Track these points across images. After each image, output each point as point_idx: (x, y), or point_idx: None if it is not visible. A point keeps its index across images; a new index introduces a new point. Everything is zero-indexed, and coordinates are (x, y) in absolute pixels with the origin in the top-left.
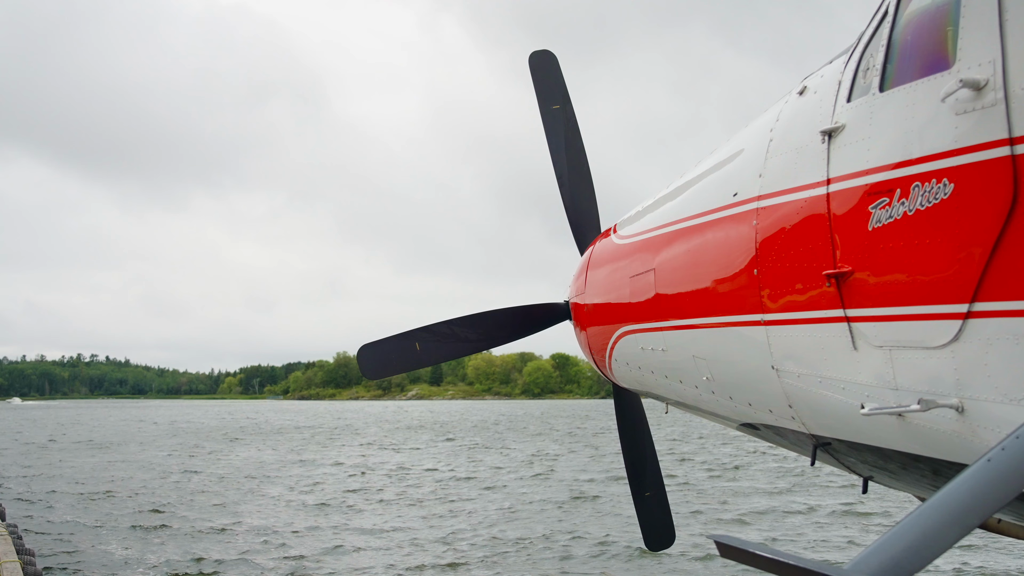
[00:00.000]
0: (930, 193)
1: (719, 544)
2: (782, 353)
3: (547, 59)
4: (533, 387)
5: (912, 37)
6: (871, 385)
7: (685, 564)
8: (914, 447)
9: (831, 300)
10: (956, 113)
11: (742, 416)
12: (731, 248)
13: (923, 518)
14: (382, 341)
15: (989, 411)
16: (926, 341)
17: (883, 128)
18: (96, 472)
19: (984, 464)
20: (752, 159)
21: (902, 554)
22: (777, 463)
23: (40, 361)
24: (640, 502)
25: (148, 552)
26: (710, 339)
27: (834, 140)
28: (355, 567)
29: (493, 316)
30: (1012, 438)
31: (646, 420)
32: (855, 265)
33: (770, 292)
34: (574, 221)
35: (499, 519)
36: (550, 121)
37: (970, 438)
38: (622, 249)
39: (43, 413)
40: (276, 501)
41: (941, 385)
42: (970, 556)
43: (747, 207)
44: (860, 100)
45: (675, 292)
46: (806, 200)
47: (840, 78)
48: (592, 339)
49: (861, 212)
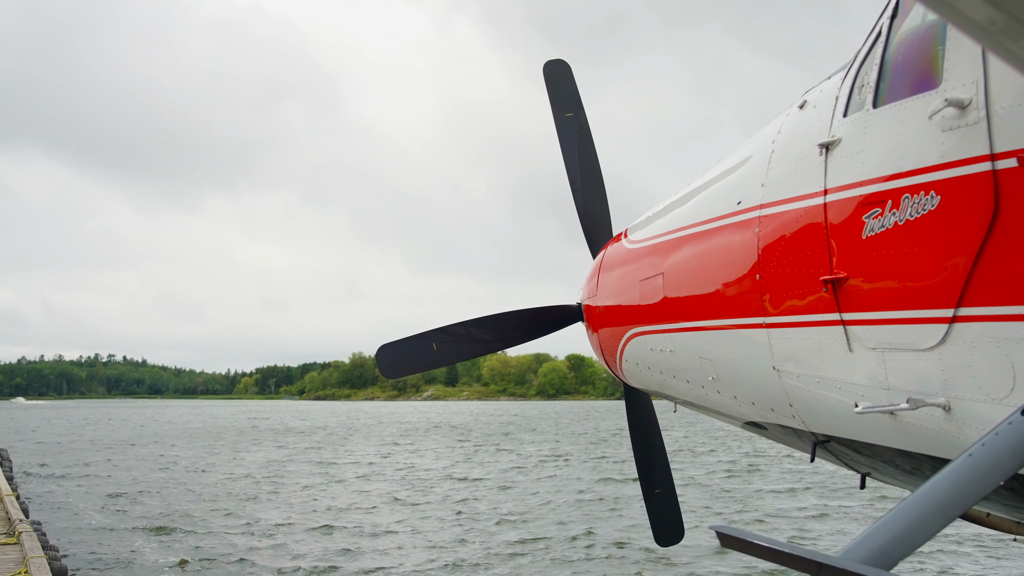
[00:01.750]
0: (919, 204)
1: (719, 534)
2: (782, 354)
3: (561, 68)
4: (548, 388)
5: (903, 57)
6: (865, 385)
7: (709, 562)
8: (905, 444)
9: (828, 304)
10: (942, 130)
11: (746, 415)
12: (735, 254)
13: (908, 509)
14: (400, 341)
15: (973, 410)
16: (915, 344)
17: (876, 142)
18: (113, 473)
19: (966, 459)
20: (755, 169)
21: (889, 542)
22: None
23: (58, 361)
24: (650, 498)
25: (167, 550)
26: (715, 341)
27: (831, 153)
28: (367, 568)
29: (507, 318)
30: (991, 435)
31: (656, 419)
32: (850, 271)
33: (771, 296)
34: (587, 225)
35: (514, 519)
36: (564, 128)
37: (956, 435)
38: (632, 253)
39: (38, 414)
40: (289, 502)
41: (929, 385)
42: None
43: (750, 215)
44: (855, 115)
45: (683, 295)
46: (805, 209)
47: (837, 94)
48: (604, 340)
49: (856, 221)
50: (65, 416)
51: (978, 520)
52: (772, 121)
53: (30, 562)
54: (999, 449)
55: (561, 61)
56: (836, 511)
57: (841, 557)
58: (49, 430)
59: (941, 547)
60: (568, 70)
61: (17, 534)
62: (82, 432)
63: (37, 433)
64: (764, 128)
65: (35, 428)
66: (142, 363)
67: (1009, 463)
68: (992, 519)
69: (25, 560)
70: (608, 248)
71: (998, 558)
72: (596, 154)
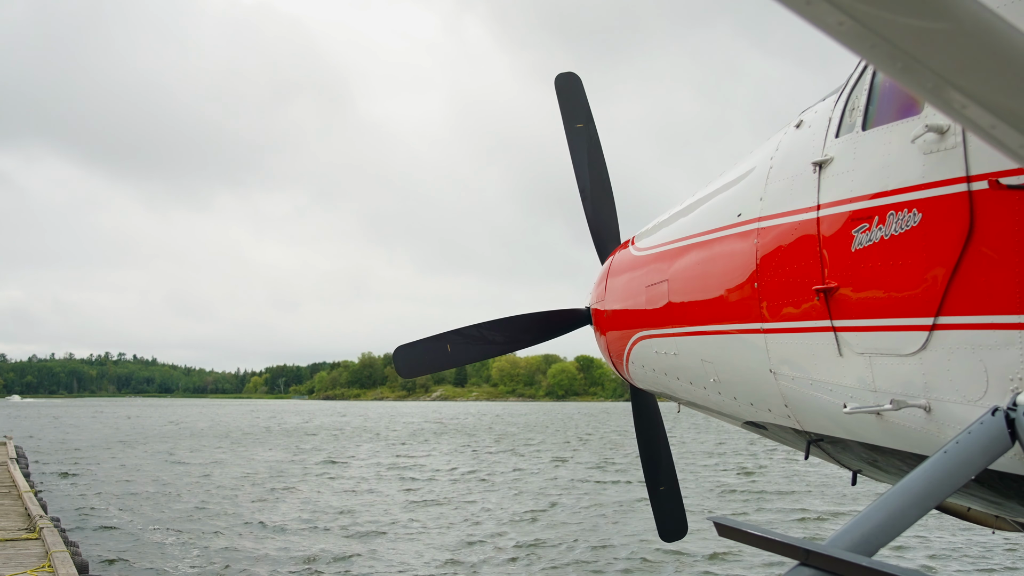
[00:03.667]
0: (902, 221)
1: (717, 525)
2: (779, 358)
3: (571, 81)
4: (557, 389)
5: (890, 84)
6: (853, 387)
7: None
8: (891, 442)
9: (820, 312)
10: (924, 153)
11: (745, 415)
12: (735, 263)
13: (889, 501)
14: (416, 343)
15: (951, 410)
16: (899, 349)
17: (864, 162)
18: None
19: (941, 455)
20: (755, 183)
21: (871, 531)
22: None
23: (69, 359)
24: (655, 496)
25: (185, 548)
26: (716, 345)
27: (824, 171)
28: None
29: (518, 320)
30: (965, 433)
31: (661, 419)
32: (840, 281)
33: (768, 303)
34: (595, 232)
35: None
36: (574, 138)
37: (936, 434)
38: (639, 260)
39: (33, 412)
40: (297, 503)
41: (911, 388)
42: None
43: (749, 227)
44: (846, 136)
45: (686, 301)
46: (799, 223)
47: (831, 115)
48: (611, 343)
49: (845, 235)
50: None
51: (960, 514)
52: (771, 138)
53: (53, 556)
54: (971, 446)
55: (572, 74)
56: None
57: (827, 545)
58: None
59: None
60: (579, 82)
61: (39, 529)
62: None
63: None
64: (764, 144)
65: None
66: (152, 362)
67: (980, 459)
68: (972, 513)
69: (48, 554)
70: (616, 254)
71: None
72: (605, 163)
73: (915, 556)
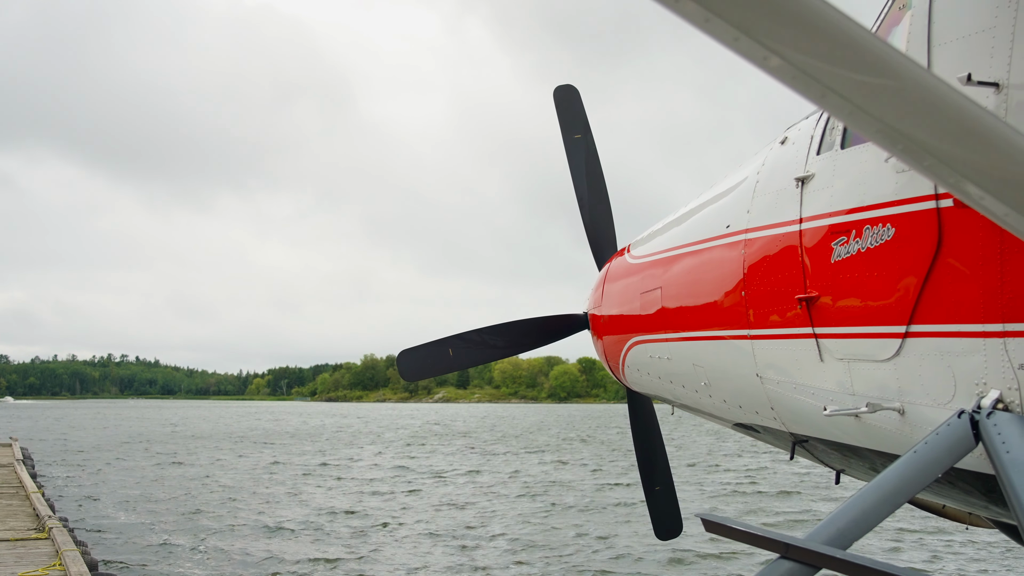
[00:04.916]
0: (877, 235)
1: (704, 521)
2: (764, 363)
3: (570, 93)
4: (559, 391)
5: None
6: (834, 391)
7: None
8: (868, 443)
9: (802, 319)
10: (896, 171)
11: (734, 417)
12: (724, 272)
13: (863, 498)
14: (419, 347)
15: (922, 413)
16: (874, 355)
17: (843, 179)
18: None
19: (911, 455)
20: (742, 196)
21: (846, 526)
22: None
23: (71, 361)
24: (651, 495)
25: (189, 549)
26: (707, 350)
27: (806, 186)
28: (377, 570)
29: (518, 325)
30: (933, 434)
31: (657, 421)
32: (821, 291)
33: (755, 311)
34: (593, 239)
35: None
36: (572, 149)
37: (909, 435)
38: (634, 267)
39: (29, 412)
40: (300, 504)
41: (886, 391)
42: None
43: (737, 238)
44: (827, 154)
45: (678, 307)
46: (783, 235)
47: (813, 133)
48: (608, 347)
49: (825, 247)
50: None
51: (935, 511)
52: (758, 153)
53: (64, 555)
54: (939, 447)
55: (570, 86)
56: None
57: (806, 539)
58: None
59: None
60: (576, 95)
61: (48, 529)
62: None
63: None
64: (751, 159)
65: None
66: (155, 363)
67: (946, 459)
68: (948, 510)
69: (59, 553)
70: (612, 262)
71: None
72: (602, 173)
73: (914, 556)
